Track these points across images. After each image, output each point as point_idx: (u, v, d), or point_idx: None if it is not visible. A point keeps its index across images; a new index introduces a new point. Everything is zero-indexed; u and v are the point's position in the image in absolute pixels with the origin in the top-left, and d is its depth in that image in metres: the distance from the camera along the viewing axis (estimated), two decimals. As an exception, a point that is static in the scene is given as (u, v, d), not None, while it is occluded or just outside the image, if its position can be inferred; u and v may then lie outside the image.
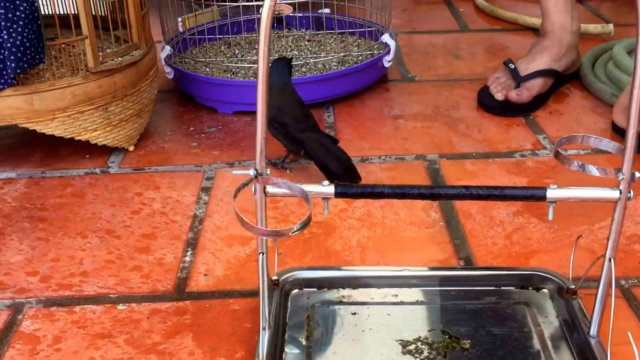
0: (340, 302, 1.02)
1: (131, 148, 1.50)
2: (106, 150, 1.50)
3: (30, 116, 1.32)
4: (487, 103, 1.65)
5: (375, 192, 0.83)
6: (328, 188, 0.84)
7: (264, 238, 0.89)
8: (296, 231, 0.77)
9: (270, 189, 0.84)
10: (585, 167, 0.82)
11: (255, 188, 0.84)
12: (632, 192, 0.81)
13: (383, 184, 0.86)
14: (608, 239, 0.85)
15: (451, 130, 1.57)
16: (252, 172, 0.83)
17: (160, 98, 1.71)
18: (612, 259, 0.85)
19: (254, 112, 0.81)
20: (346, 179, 1.30)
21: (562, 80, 1.72)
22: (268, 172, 0.84)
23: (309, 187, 0.82)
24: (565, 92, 1.73)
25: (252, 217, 0.86)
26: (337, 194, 0.84)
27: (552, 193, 0.81)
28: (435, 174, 1.39)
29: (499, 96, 1.63)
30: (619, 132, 1.48)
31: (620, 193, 0.80)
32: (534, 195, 0.82)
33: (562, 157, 0.84)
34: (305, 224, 0.77)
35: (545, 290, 1.02)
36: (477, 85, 1.76)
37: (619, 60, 1.66)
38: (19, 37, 1.24)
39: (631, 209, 1.24)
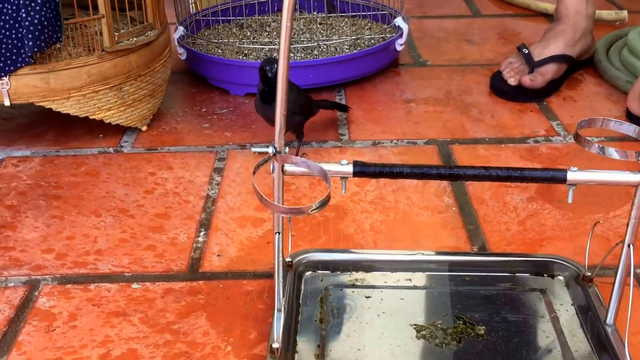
0: (354, 285, 1.03)
1: (144, 128, 1.50)
2: (119, 130, 1.50)
3: (46, 95, 1.32)
4: (500, 88, 1.65)
5: (394, 172, 0.83)
6: (346, 167, 0.84)
7: (281, 217, 0.89)
8: (315, 209, 0.77)
9: (288, 167, 0.85)
10: (605, 150, 0.82)
11: (273, 166, 0.85)
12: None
13: (402, 163, 0.86)
14: (627, 225, 0.84)
15: (464, 115, 1.56)
16: (270, 149, 0.83)
17: (172, 79, 1.71)
18: (631, 245, 0.84)
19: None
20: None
21: (576, 66, 1.71)
22: (287, 150, 0.84)
23: (327, 166, 0.82)
24: (579, 79, 1.72)
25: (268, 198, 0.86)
26: (356, 173, 0.84)
27: (572, 175, 0.81)
28: (448, 158, 1.39)
29: (512, 81, 1.63)
30: (633, 120, 1.47)
31: (642, 176, 0.80)
32: (554, 177, 0.81)
33: (582, 140, 0.84)
34: (325, 202, 0.77)
35: (560, 278, 1.02)
36: (489, 70, 1.75)
37: (634, 47, 1.65)
38: (37, 16, 1.23)
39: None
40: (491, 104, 1.62)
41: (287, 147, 0.85)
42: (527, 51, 1.65)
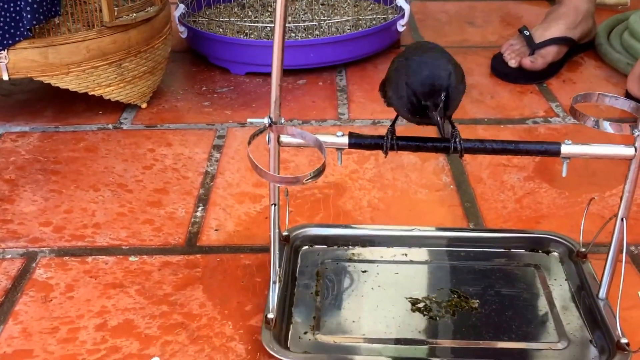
0: (350, 260, 1.03)
1: (144, 105, 1.50)
2: (119, 107, 1.50)
3: (45, 69, 1.32)
4: (500, 70, 1.65)
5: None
6: (342, 139, 0.85)
7: (277, 188, 0.90)
8: (310, 178, 0.77)
9: (284, 138, 0.85)
10: (600, 123, 0.82)
11: (269, 137, 0.85)
12: (647, 148, 0.81)
13: (398, 135, 0.86)
14: (621, 199, 0.85)
15: (464, 96, 1.56)
16: (266, 120, 0.83)
17: (173, 58, 1.71)
18: (624, 219, 0.85)
19: (266, 74, 0.81)
20: None
21: (577, 49, 1.71)
22: (282, 120, 0.84)
23: (323, 138, 0.83)
24: (579, 62, 1.72)
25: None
26: (351, 145, 0.84)
27: (566, 148, 0.81)
28: (447, 138, 1.39)
29: (512, 63, 1.63)
30: (632, 102, 1.47)
31: (636, 150, 0.80)
32: (548, 150, 0.82)
33: (578, 114, 0.84)
34: (320, 171, 0.77)
35: (555, 254, 1.03)
36: (490, 52, 1.75)
37: (635, 30, 1.65)
38: (36, -11, 1.24)
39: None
40: (492, 85, 1.62)
41: (282, 118, 0.85)
42: (528, 33, 1.65)
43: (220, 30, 1.72)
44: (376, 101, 1.54)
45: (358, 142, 0.85)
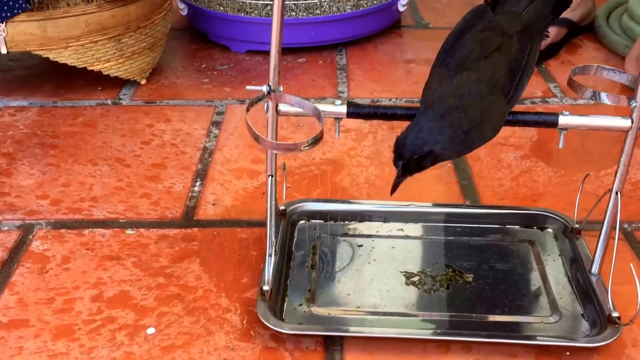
0: (346, 234, 1.03)
1: (143, 82, 1.50)
2: (118, 83, 1.50)
3: (43, 43, 1.32)
4: (500, 50, 1.64)
5: (387, 113, 0.83)
6: (340, 107, 0.84)
7: (274, 159, 0.90)
8: (307, 146, 0.77)
9: (282, 107, 0.85)
10: (598, 95, 0.82)
11: (267, 105, 0.85)
12: (644, 121, 0.81)
13: (395, 105, 0.86)
14: (616, 172, 0.85)
15: (463, 76, 1.56)
16: (265, 88, 0.83)
17: (173, 35, 1.71)
18: (618, 193, 0.85)
19: (267, 52, 0.80)
20: None
21: (577, 31, 1.71)
22: (281, 89, 0.84)
23: (321, 106, 0.83)
24: (579, 44, 1.72)
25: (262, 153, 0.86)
26: (349, 114, 0.84)
27: (564, 119, 0.81)
28: (445, 117, 1.39)
29: (512, 44, 1.62)
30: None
31: (632, 122, 0.80)
32: (545, 121, 0.82)
33: (575, 85, 0.84)
34: (317, 139, 0.77)
35: (549, 230, 1.03)
36: (490, 33, 1.75)
37: (635, 12, 1.65)
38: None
39: (638, 157, 1.25)
40: (491, 65, 1.62)
41: (280, 87, 0.85)
42: (528, 14, 1.65)
43: (221, 7, 1.72)
44: (376, 80, 1.54)
45: (356, 111, 0.84)
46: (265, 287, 0.88)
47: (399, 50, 1.69)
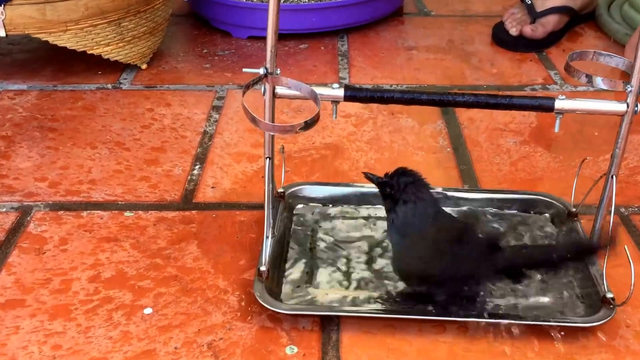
0: (345, 217, 1.03)
1: (144, 66, 1.50)
2: (118, 67, 1.50)
3: (42, 26, 1.32)
4: (501, 38, 1.64)
5: (384, 97, 0.83)
6: (338, 91, 0.84)
7: (272, 141, 0.90)
8: (303, 128, 0.77)
9: (279, 90, 0.85)
10: (593, 79, 0.82)
11: (264, 88, 0.85)
12: (639, 105, 0.81)
13: (393, 89, 0.86)
14: (612, 156, 0.85)
15: (464, 63, 1.56)
16: (262, 70, 0.83)
17: (174, 21, 1.71)
18: (614, 176, 0.85)
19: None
20: None
21: (578, 20, 1.70)
22: (278, 71, 0.84)
23: (319, 90, 0.83)
24: (580, 32, 1.71)
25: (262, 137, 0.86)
26: (347, 97, 0.84)
27: (560, 103, 0.81)
28: (446, 103, 1.39)
29: (513, 31, 1.62)
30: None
31: (628, 106, 0.80)
32: (541, 105, 0.82)
33: (572, 69, 0.84)
34: (313, 121, 0.77)
35: (547, 214, 1.03)
36: (492, 21, 1.74)
37: (635, 1, 1.64)
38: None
39: (635, 142, 1.25)
40: (492, 53, 1.62)
41: (278, 69, 0.85)
42: (529, 2, 1.65)
43: (222, -6, 1.72)
44: (377, 67, 1.54)
45: (354, 94, 0.84)
46: (263, 268, 0.88)
47: (400, 37, 1.69)
